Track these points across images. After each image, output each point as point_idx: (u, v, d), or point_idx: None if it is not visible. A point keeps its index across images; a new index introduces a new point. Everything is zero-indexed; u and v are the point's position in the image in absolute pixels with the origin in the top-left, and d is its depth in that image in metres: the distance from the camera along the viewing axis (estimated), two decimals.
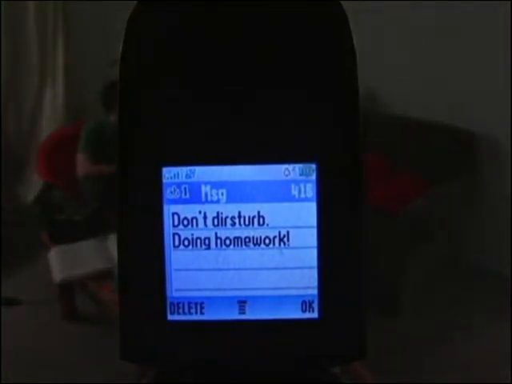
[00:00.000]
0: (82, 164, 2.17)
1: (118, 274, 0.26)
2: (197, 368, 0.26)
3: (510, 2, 2.00)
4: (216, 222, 0.26)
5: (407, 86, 2.34)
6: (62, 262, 1.82)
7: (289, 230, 0.26)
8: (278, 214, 0.26)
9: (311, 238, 0.26)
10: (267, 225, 0.26)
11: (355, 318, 0.26)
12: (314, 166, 0.25)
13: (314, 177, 0.25)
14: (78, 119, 2.58)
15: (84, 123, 2.23)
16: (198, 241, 0.26)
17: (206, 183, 0.26)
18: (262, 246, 0.26)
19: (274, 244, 0.26)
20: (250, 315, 0.26)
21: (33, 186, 2.70)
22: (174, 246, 0.26)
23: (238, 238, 0.26)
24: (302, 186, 0.26)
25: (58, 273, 1.79)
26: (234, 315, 0.26)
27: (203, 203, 0.26)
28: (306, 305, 0.26)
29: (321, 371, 0.27)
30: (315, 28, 0.25)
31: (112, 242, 1.83)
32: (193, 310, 0.26)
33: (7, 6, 2.59)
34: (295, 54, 0.25)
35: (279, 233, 0.26)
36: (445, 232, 2.21)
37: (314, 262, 0.26)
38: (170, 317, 0.26)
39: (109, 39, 1.61)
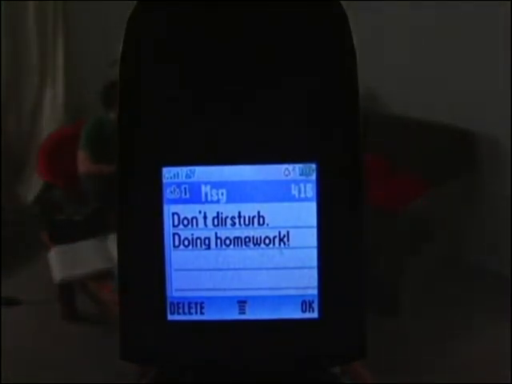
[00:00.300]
0: (83, 162, 2.17)
1: (118, 273, 0.26)
2: (197, 368, 0.26)
3: (510, 2, 2.00)
4: (216, 222, 0.26)
5: (407, 86, 2.34)
6: (62, 262, 1.82)
7: (289, 229, 0.26)
8: (278, 214, 0.26)
9: (311, 238, 0.26)
10: (267, 225, 0.26)
11: (355, 318, 0.26)
12: (314, 166, 0.25)
13: (314, 177, 0.25)
14: (78, 119, 2.58)
15: (84, 123, 2.23)
16: (198, 241, 0.26)
17: (205, 183, 0.26)
18: (262, 245, 0.26)
19: (273, 244, 0.26)
20: (249, 315, 0.26)
21: (33, 186, 2.70)
22: (174, 245, 0.26)
23: (237, 237, 0.26)
24: (302, 185, 0.26)
25: (58, 273, 1.79)
26: (233, 315, 0.26)
27: (203, 203, 0.26)
28: (305, 305, 0.26)
29: (321, 371, 0.27)
30: (315, 28, 0.25)
31: (112, 242, 1.83)
32: (193, 310, 0.26)
33: (7, 6, 2.59)
34: (295, 54, 0.25)
35: (279, 233, 0.26)
36: (445, 232, 2.21)
37: (314, 262, 0.26)
38: (169, 317, 0.26)
39: (109, 39, 1.61)
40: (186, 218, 0.26)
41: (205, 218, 0.26)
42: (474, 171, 2.28)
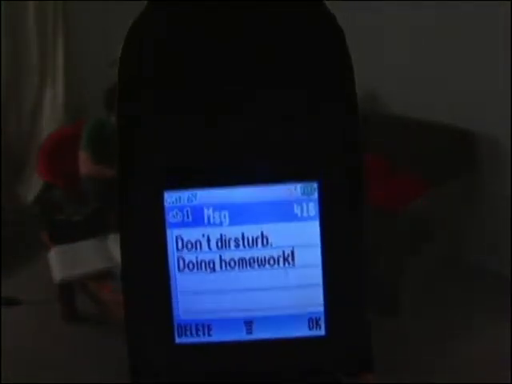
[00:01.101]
0: (85, 162, 2.17)
1: (123, 299, 0.26)
2: None
3: (510, 2, 2.00)
4: (220, 245, 0.26)
5: (407, 86, 2.33)
6: (62, 262, 1.82)
7: (293, 249, 0.26)
8: (282, 234, 0.26)
9: (315, 256, 0.26)
10: (271, 245, 0.26)
11: (361, 333, 0.26)
12: (315, 185, 0.25)
13: (315, 195, 0.25)
14: (78, 119, 2.58)
15: (84, 123, 2.23)
16: (203, 264, 0.26)
17: (208, 206, 0.26)
18: (267, 266, 0.26)
19: (278, 264, 0.26)
20: (257, 335, 0.26)
21: (33, 186, 2.70)
22: (179, 269, 0.26)
23: (242, 259, 0.26)
24: (304, 205, 0.26)
25: (58, 273, 1.79)
26: (241, 335, 0.26)
27: (206, 226, 0.26)
28: (312, 322, 0.26)
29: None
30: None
31: (112, 242, 1.83)
32: (200, 332, 0.26)
33: (7, 6, 2.58)
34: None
35: (283, 252, 0.26)
36: (445, 232, 2.21)
37: (319, 280, 0.26)
38: (177, 339, 0.26)
39: (109, 39, 1.62)
40: (189, 241, 0.26)
41: (208, 240, 0.26)
42: (474, 171, 2.28)
